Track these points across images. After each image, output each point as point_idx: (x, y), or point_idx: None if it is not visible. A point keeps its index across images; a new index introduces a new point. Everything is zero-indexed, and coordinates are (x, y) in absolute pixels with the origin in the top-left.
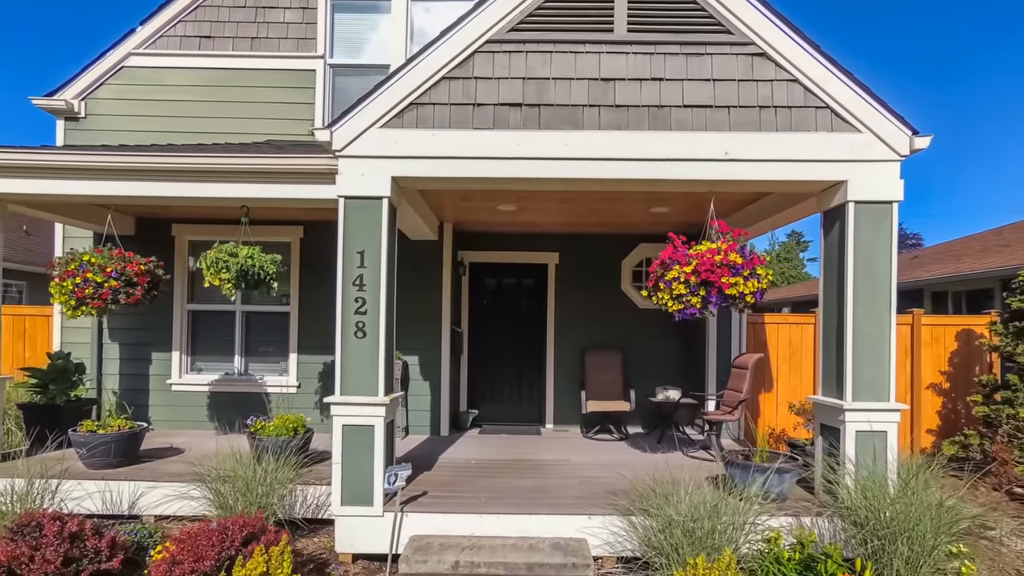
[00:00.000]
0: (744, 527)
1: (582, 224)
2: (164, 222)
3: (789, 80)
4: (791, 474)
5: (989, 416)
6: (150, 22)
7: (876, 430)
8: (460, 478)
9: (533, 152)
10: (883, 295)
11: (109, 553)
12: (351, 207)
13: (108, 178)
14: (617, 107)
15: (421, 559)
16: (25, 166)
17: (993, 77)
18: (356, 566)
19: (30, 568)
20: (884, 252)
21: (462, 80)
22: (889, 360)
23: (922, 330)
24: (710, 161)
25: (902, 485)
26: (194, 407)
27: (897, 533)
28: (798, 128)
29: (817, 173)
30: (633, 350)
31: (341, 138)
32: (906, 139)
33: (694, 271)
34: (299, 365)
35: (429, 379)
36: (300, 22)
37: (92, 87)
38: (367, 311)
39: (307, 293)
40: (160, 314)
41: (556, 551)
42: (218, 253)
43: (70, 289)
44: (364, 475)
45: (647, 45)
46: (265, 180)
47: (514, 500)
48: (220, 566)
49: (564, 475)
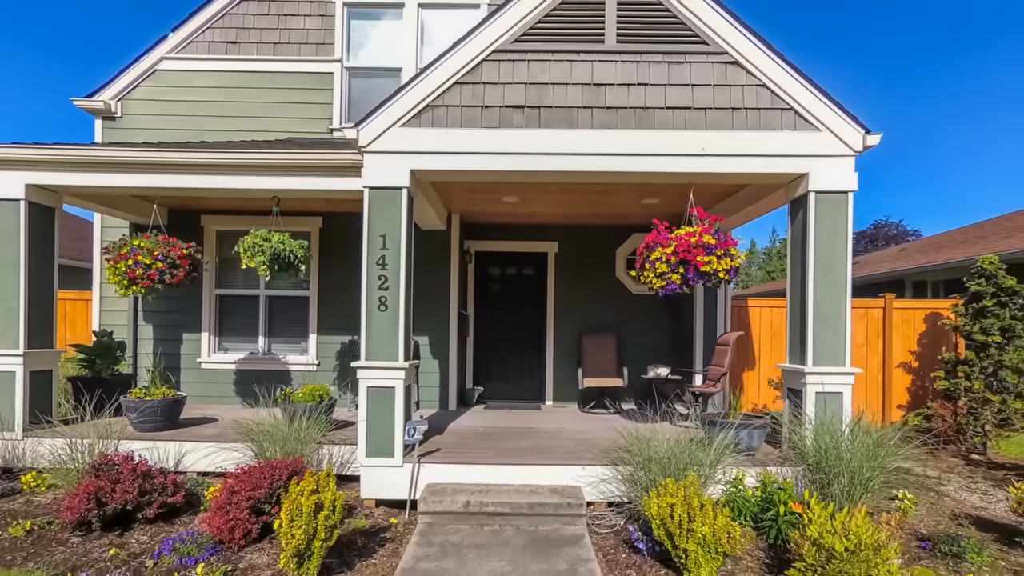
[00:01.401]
0: (715, 466)
1: (579, 215)
2: (194, 213)
3: (758, 85)
4: (759, 431)
5: (949, 389)
6: (181, 29)
7: (832, 391)
8: (469, 440)
9: (534, 148)
10: (840, 273)
11: (173, 489)
12: (374, 196)
13: (154, 172)
14: (608, 109)
15: (436, 500)
16: (81, 161)
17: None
18: (379, 510)
19: (112, 497)
20: (841, 235)
21: (472, 85)
22: (845, 330)
23: (893, 313)
24: (689, 156)
25: (851, 437)
26: (222, 383)
27: (840, 470)
28: (766, 127)
29: (782, 167)
30: (627, 332)
31: (366, 136)
32: (859, 137)
33: (674, 251)
34: (318, 345)
35: (438, 358)
36: (319, 28)
37: (128, 89)
38: (388, 287)
39: (325, 278)
40: (191, 298)
41: (554, 494)
42: (254, 238)
43: (123, 270)
44: (386, 431)
45: (634, 55)
46: (296, 173)
47: (517, 455)
48: (272, 494)
49: (562, 438)
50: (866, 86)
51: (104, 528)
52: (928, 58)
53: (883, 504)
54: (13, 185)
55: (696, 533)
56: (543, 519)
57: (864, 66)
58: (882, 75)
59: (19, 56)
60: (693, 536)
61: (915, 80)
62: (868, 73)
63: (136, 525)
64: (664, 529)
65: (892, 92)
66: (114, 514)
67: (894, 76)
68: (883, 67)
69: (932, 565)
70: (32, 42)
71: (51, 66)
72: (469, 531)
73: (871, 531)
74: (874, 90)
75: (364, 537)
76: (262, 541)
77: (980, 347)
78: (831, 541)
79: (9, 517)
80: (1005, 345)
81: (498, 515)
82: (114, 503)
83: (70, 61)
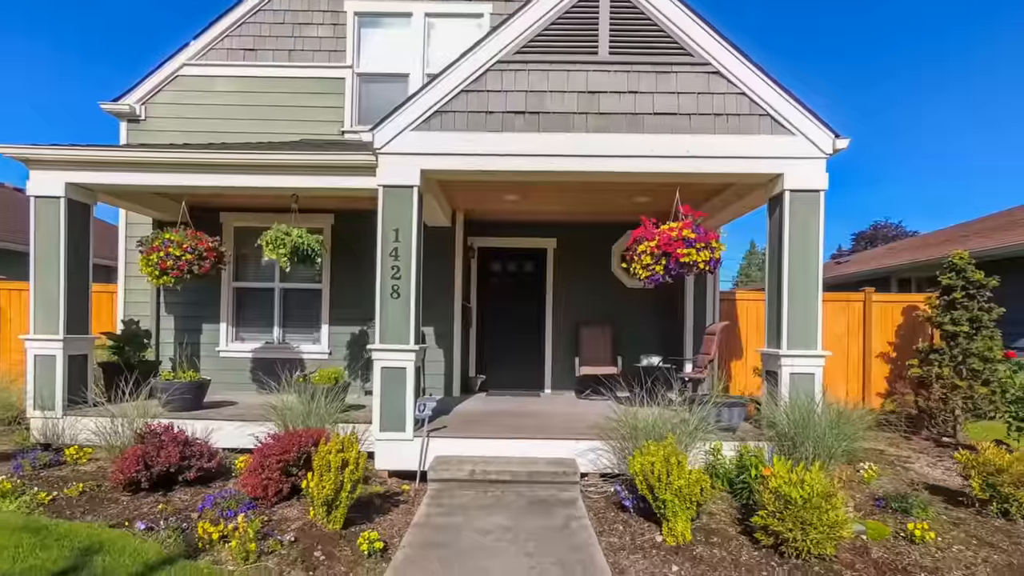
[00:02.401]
0: (695, 435)
1: (577, 213)
2: (214, 211)
3: (738, 93)
4: (739, 409)
5: (922, 377)
6: (202, 37)
7: (805, 372)
8: (473, 420)
9: (534, 150)
10: (812, 264)
11: (209, 456)
12: (388, 194)
13: (183, 171)
14: (601, 114)
15: (444, 469)
16: (116, 161)
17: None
18: (392, 480)
19: (157, 460)
20: (813, 230)
21: (477, 92)
22: (816, 317)
23: (873, 307)
24: (675, 158)
25: (816, 411)
26: (239, 371)
27: (805, 438)
28: (745, 131)
29: (760, 168)
30: (621, 324)
31: (381, 139)
32: (830, 140)
33: (657, 245)
34: (330, 335)
35: (443, 347)
36: (331, 36)
37: (151, 93)
38: (400, 277)
39: (337, 272)
40: (210, 291)
41: (551, 465)
42: (276, 232)
43: (155, 262)
44: (398, 407)
45: (625, 64)
46: (314, 173)
47: (518, 432)
48: (299, 458)
49: (559, 419)
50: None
51: (149, 489)
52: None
53: (850, 475)
54: (54, 184)
55: (673, 485)
56: (541, 486)
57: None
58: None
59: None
60: (670, 488)
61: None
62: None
63: (177, 487)
64: (646, 483)
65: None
66: (159, 475)
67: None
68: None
69: (883, 519)
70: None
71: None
72: (474, 495)
73: (823, 483)
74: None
75: (380, 499)
76: (291, 499)
77: (950, 336)
78: (788, 491)
79: (61, 482)
80: (973, 334)
81: (500, 482)
82: (159, 465)
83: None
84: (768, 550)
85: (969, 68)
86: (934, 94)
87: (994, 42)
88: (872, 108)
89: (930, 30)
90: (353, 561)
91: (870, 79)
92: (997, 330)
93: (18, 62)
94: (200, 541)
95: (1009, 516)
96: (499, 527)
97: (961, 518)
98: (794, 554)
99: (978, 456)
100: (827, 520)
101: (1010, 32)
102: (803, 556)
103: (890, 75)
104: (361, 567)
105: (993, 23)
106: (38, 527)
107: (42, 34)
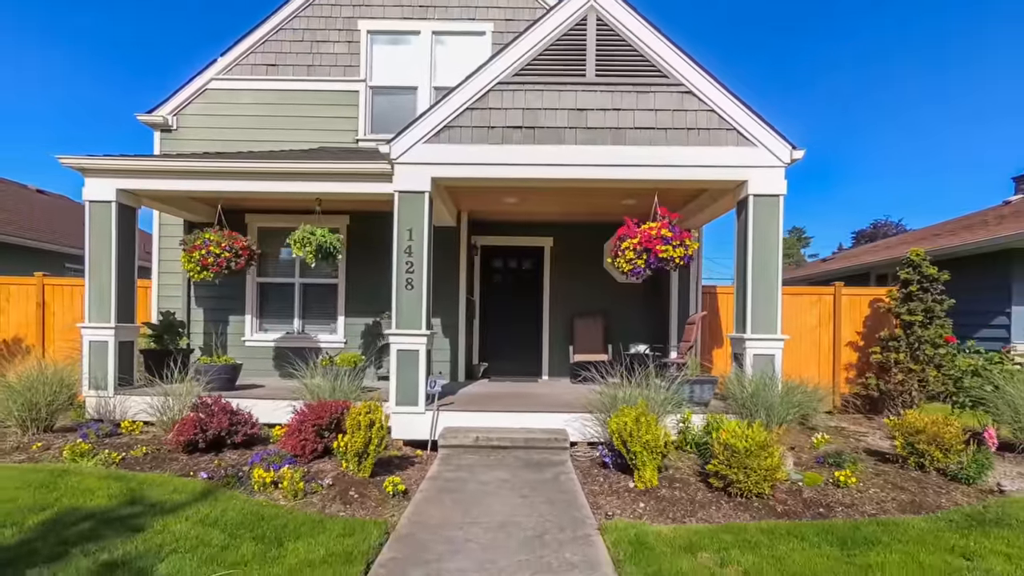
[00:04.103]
0: (667, 404)
1: (571, 214)
2: (239, 212)
3: (707, 110)
4: (709, 385)
5: (882, 362)
6: (228, 54)
7: (766, 353)
8: (477, 399)
9: (530, 160)
10: (772, 258)
11: (251, 425)
12: (403, 198)
13: (220, 178)
14: (589, 128)
15: (452, 437)
16: (159, 170)
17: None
18: (407, 448)
19: (211, 425)
20: (774, 228)
21: (480, 110)
22: (776, 306)
23: (842, 299)
24: (653, 166)
25: (770, 384)
26: (262, 359)
27: (759, 406)
28: (714, 143)
29: (727, 175)
30: (613, 315)
31: (397, 150)
32: (788, 151)
33: (639, 242)
34: (346, 326)
35: (449, 337)
36: (346, 52)
37: (182, 105)
38: (414, 271)
39: (352, 268)
40: (235, 286)
41: (545, 433)
42: (303, 232)
43: (197, 259)
44: (412, 384)
45: (609, 85)
46: (335, 180)
47: (517, 406)
48: (331, 422)
49: (554, 398)
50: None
51: (204, 450)
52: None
53: (803, 442)
54: (107, 189)
55: (642, 439)
56: (536, 451)
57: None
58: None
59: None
60: (640, 441)
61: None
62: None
63: (226, 449)
64: (620, 439)
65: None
66: (212, 438)
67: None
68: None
69: (819, 471)
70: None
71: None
72: (478, 458)
73: (763, 436)
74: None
75: (399, 460)
76: (324, 457)
77: (907, 326)
78: (734, 442)
79: (125, 447)
80: (927, 324)
81: (501, 448)
82: (212, 429)
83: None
84: (719, 491)
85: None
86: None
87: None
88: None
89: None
90: (381, 499)
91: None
92: (948, 320)
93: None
94: (256, 484)
95: (924, 469)
96: (499, 479)
97: (884, 470)
98: (739, 493)
99: (902, 420)
100: (764, 465)
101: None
102: (746, 495)
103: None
104: (388, 504)
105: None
106: (119, 476)
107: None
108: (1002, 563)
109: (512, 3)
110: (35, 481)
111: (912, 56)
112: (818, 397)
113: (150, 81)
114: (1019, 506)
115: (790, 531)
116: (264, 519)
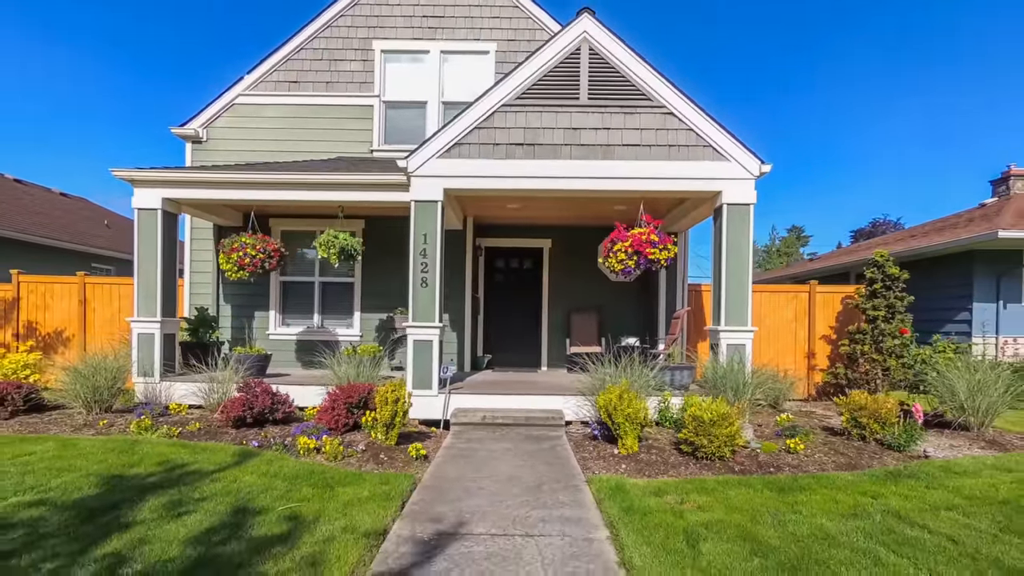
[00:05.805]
0: (647, 387)
1: (568, 218)
2: (265, 217)
3: (687, 129)
4: (688, 371)
5: (850, 353)
6: (254, 71)
7: (738, 343)
8: (483, 384)
9: (530, 173)
10: (744, 260)
11: (288, 405)
12: (418, 207)
13: (253, 188)
14: (582, 145)
15: (463, 415)
16: (199, 180)
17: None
18: (422, 426)
19: (255, 403)
20: (745, 233)
21: (487, 128)
22: (747, 301)
23: (817, 296)
24: (639, 179)
25: (739, 369)
26: (285, 351)
27: (726, 386)
28: (692, 158)
29: (705, 186)
30: (607, 311)
31: (413, 164)
32: (757, 165)
33: (631, 244)
34: (362, 321)
35: (456, 331)
36: (362, 70)
37: (212, 119)
38: (428, 270)
39: (368, 268)
40: (260, 284)
41: (543, 413)
42: (328, 236)
43: (235, 260)
44: (426, 370)
45: (600, 107)
46: (356, 190)
47: (519, 391)
48: (359, 401)
49: (551, 384)
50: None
51: (250, 425)
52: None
53: (767, 420)
54: (154, 198)
55: (625, 412)
56: (535, 427)
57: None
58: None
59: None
60: (623, 413)
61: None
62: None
63: (267, 425)
64: (607, 412)
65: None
66: (257, 415)
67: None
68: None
69: (776, 442)
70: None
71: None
72: (486, 432)
73: (725, 409)
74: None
75: (417, 435)
76: (354, 431)
77: (872, 320)
78: (700, 414)
79: (179, 424)
80: (889, 318)
81: (505, 425)
82: (258, 407)
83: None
84: (688, 456)
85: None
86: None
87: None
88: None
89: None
90: (406, 461)
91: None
92: (908, 315)
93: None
94: (301, 450)
95: (865, 439)
96: (504, 449)
97: (832, 441)
98: (704, 456)
99: (848, 398)
100: (725, 432)
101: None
102: (710, 457)
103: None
104: (412, 464)
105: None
106: (183, 444)
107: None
108: (899, 501)
109: (514, 25)
110: (116, 447)
111: (911, 53)
112: (789, 383)
113: (179, 94)
114: (933, 466)
115: (741, 482)
116: (314, 473)
